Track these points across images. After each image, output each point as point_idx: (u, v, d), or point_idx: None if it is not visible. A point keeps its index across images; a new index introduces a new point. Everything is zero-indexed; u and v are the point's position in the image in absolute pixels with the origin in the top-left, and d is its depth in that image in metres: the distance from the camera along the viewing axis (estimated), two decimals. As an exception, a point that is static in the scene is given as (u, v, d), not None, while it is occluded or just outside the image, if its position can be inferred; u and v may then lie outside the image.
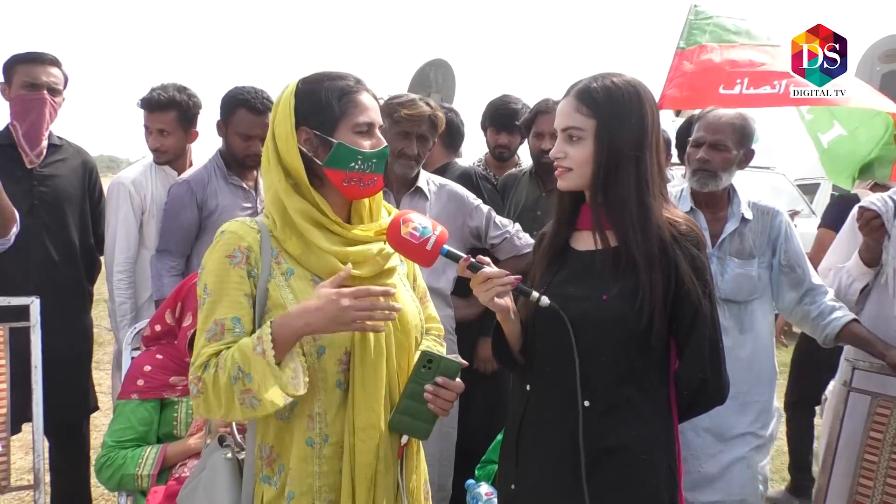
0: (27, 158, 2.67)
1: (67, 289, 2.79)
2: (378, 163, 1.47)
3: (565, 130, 1.52)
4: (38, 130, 2.67)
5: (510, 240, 2.72)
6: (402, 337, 1.52)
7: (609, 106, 1.47)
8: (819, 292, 2.39)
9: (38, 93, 2.65)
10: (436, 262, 1.47)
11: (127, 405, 2.13)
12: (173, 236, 2.79)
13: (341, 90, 1.47)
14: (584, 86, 1.51)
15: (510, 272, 1.45)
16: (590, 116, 1.48)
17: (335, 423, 1.43)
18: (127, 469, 2.02)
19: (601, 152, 1.47)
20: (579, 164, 1.50)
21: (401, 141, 2.52)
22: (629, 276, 1.45)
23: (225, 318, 1.39)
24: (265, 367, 1.30)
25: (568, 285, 1.53)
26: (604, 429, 1.46)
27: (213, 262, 1.43)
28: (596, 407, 1.46)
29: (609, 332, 1.46)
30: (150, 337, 2.29)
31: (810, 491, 3.42)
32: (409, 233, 1.43)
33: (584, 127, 1.49)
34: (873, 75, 7.19)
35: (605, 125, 1.47)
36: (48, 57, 2.70)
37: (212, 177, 2.81)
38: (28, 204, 2.65)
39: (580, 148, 1.50)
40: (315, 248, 1.44)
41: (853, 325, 2.34)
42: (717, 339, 1.50)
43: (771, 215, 2.40)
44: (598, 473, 1.44)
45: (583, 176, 1.51)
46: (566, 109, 1.52)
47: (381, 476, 1.46)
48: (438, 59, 9.15)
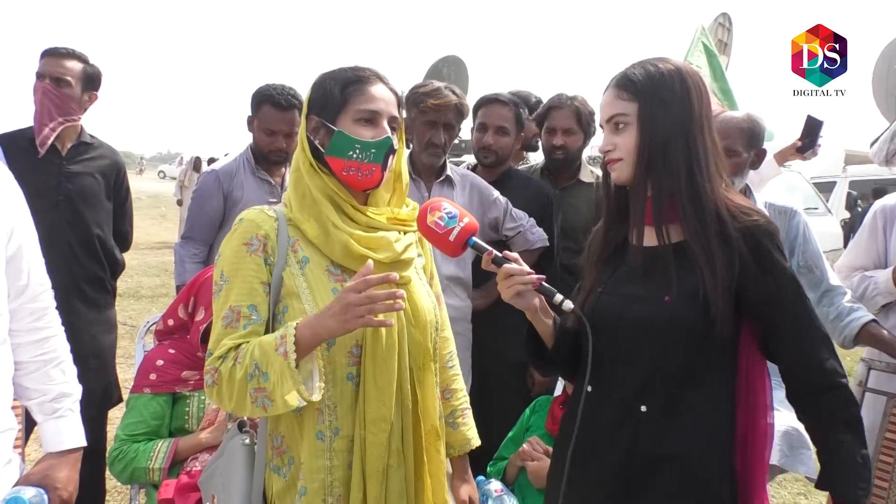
0: (41, 149, 2.69)
1: (91, 283, 2.82)
2: (377, 153, 1.46)
3: (609, 120, 1.45)
4: (40, 120, 2.68)
5: (524, 234, 2.70)
6: (415, 331, 1.51)
7: (649, 87, 1.40)
8: (837, 293, 2.36)
9: (41, 83, 2.67)
10: (464, 252, 1.44)
11: (139, 399, 2.14)
12: (198, 224, 2.89)
13: (348, 80, 1.48)
14: (622, 73, 1.45)
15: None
16: (631, 100, 1.42)
17: (346, 416, 1.43)
18: (139, 462, 2.03)
19: (645, 134, 1.40)
20: (629, 151, 1.42)
21: (428, 130, 2.54)
22: (690, 273, 1.36)
23: (241, 304, 1.40)
24: (284, 368, 1.30)
25: (626, 284, 1.46)
26: (661, 434, 1.38)
27: (231, 250, 1.44)
28: (653, 411, 1.39)
29: (671, 335, 1.38)
30: (163, 331, 2.31)
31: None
32: (435, 221, 1.42)
33: (627, 112, 1.42)
34: (891, 73, 7.11)
35: (647, 106, 1.40)
36: (61, 50, 2.72)
37: (240, 169, 2.91)
38: (54, 199, 2.69)
39: (627, 135, 1.42)
40: (331, 229, 1.44)
41: (871, 326, 2.31)
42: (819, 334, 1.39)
43: (788, 216, 2.38)
44: (655, 480, 1.38)
45: (634, 164, 1.43)
46: (607, 100, 1.45)
47: (393, 470, 1.45)
48: (451, 56, 9.15)
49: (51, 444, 1.60)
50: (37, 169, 2.62)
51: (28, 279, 1.57)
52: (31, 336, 1.59)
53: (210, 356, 1.40)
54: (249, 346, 1.36)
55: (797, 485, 3.87)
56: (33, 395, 1.59)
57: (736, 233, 1.36)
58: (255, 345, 1.35)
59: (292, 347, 1.30)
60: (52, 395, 1.60)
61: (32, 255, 1.60)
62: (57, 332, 1.65)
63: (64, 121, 2.72)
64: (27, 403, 1.61)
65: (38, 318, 1.60)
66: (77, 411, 1.65)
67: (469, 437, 1.74)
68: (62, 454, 1.60)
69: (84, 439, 1.65)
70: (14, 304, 1.54)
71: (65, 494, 1.58)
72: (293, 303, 1.42)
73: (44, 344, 1.60)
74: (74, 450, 1.63)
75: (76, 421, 1.64)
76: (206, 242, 2.90)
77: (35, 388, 1.59)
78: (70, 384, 1.65)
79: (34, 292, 1.59)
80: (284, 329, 1.34)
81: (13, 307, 1.54)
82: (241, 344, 1.37)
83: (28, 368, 1.58)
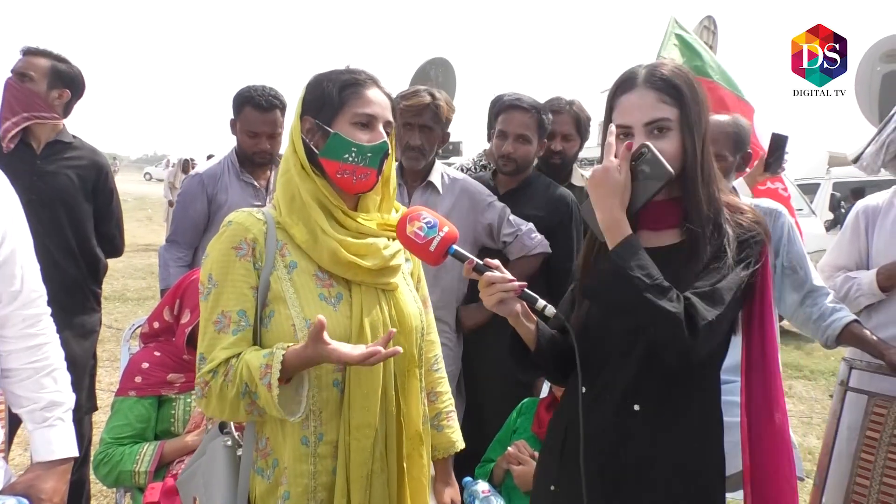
0: (5, 144, 2.65)
1: (68, 288, 2.76)
2: (373, 157, 1.45)
3: (650, 124, 1.37)
4: (3, 115, 2.65)
5: (521, 238, 2.63)
6: (400, 338, 1.50)
7: (690, 92, 1.38)
8: (820, 294, 2.38)
9: (7, 80, 2.65)
10: (444, 261, 1.43)
11: (125, 402, 2.13)
12: (182, 227, 2.91)
13: (345, 82, 1.47)
14: (661, 76, 1.39)
15: (520, 274, 1.42)
16: (673, 105, 1.37)
17: (331, 422, 1.43)
18: (124, 465, 2.02)
19: (689, 141, 1.37)
20: (672, 158, 1.35)
21: (405, 133, 2.54)
22: (692, 275, 1.34)
23: (232, 310, 1.40)
24: (269, 399, 1.30)
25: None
26: (654, 434, 1.38)
27: (219, 252, 1.43)
28: (647, 412, 1.39)
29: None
30: (149, 334, 2.30)
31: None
32: (414, 232, 1.40)
33: (671, 117, 1.37)
34: (874, 75, 7.19)
35: (688, 112, 1.37)
36: (32, 48, 2.71)
37: (224, 172, 2.92)
38: (25, 197, 2.65)
39: (670, 141, 1.37)
40: (319, 234, 1.44)
41: (854, 326, 2.33)
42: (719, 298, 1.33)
43: (773, 217, 2.39)
44: (647, 481, 1.38)
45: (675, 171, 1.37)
46: (647, 101, 1.38)
47: (377, 475, 1.46)
48: (439, 58, 9.16)
49: (40, 454, 1.56)
50: (7, 166, 2.56)
51: (21, 285, 1.55)
52: (24, 343, 1.56)
53: (202, 364, 1.39)
54: (239, 364, 1.35)
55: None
56: (24, 402, 1.56)
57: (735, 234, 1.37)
58: (243, 364, 1.34)
59: (276, 380, 1.29)
60: (42, 404, 1.57)
61: (26, 260, 1.57)
62: (51, 339, 1.62)
63: (30, 116, 2.67)
64: (18, 411, 1.58)
65: (30, 324, 1.57)
66: (69, 420, 1.62)
67: (454, 440, 1.75)
68: (51, 464, 1.56)
69: (76, 449, 1.61)
70: (6, 309, 1.52)
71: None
72: (280, 307, 1.42)
73: (36, 351, 1.58)
74: (64, 460, 1.59)
75: (67, 430, 1.60)
76: (190, 246, 2.91)
77: (26, 396, 1.56)
78: (63, 393, 1.61)
79: (27, 298, 1.56)
80: (271, 356, 1.32)
81: (5, 313, 1.52)
82: (231, 359, 1.37)
83: (19, 376, 1.56)
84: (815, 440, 4.51)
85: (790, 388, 5.77)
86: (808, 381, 6.05)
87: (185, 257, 2.89)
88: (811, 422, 4.97)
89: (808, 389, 5.81)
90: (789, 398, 5.47)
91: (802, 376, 6.16)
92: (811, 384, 5.97)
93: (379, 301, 1.49)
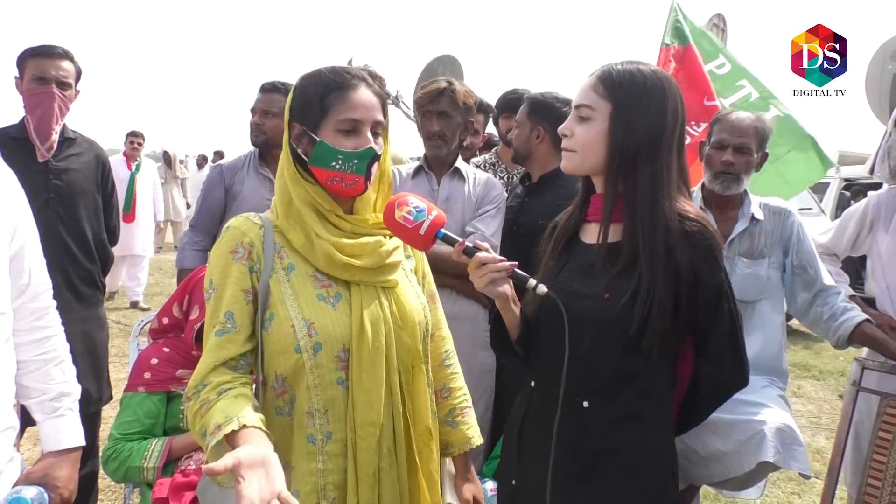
0: (38, 152, 2.69)
1: (85, 280, 2.81)
2: (359, 164, 1.43)
3: (577, 108, 1.44)
4: (48, 125, 2.67)
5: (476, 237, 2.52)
6: (402, 333, 1.50)
7: (628, 91, 1.39)
8: (831, 293, 2.37)
9: (47, 87, 2.65)
10: (433, 245, 1.44)
11: (133, 398, 2.13)
12: (201, 214, 3.11)
13: (328, 86, 1.44)
14: (608, 67, 1.44)
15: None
16: (605, 98, 1.41)
17: (338, 420, 1.43)
18: (133, 461, 2.03)
19: (615, 139, 1.39)
20: (583, 145, 1.43)
21: (425, 121, 2.57)
22: (634, 275, 1.37)
23: (222, 311, 1.41)
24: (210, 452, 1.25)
25: (573, 280, 1.47)
26: (604, 431, 1.40)
27: (218, 258, 1.45)
28: (596, 408, 1.40)
29: (609, 333, 1.38)
30: (158, 330, 2.30)
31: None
32: (403, 216, 1.40)
33: (595, 107, 1.41)
34: (884, 74, 7.14)
35: (622, 111, 1.39)
36: (58, 50, 2.69)
37: (244, 165, 3.08)
38: (44, 197, 2.67)
39: (587, 129, 1.42)
40: (314, 238, 1.43)
41: (865, 326, 2.32)
42: (738, 336, 1.45)
43: (783, 216, 2.38)
44: (598, 477, 1.40)
45: (585, 161, 1.44)
46: (584, 87, 1.45)
47: (385, 472, 1.45)
48: (447, 55, 9.16)
49: (51, 444, 1.60)
50: (24, 169, 2.59)
51: (29, 278, 1.57)
52: (32, 335, 1.59)
53: (191, 379, 1.39)
54: (213, 409, 1.30)
55: (791, 484, 3.88)
56: (33, 394, 1.59)
57: (682, 242, 1.37)
58: (216, 411, 1.29)
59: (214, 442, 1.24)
60: (52, 395, 1.60)
61: (34, 254, 1.60)
62: (57, 331, 1.65)
63: (62, 122, 2.74)
64: (27, 402, 1.61)
65: (38, 317, 1.60)
66: (76, 410, 1.66)
67: (469, 436, 1.73)
68: (62, 453, 1.60)
69: (83, 438, 1.65)
70: (16, 303, 1.54)
71: (66, 493, 1.58)
72: (279, 310, 1.42)
73: (44, 343, 1.61)
74: (74, 449, 1.63)
75: (75, 420, 1.65)
76: (208, 233, 3.08)
77: (35, 388, 1.59)
78: (70, 383, 1.65)
79: (35, 291, 1.59)
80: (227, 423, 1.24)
81: (15, 306, 1.54)
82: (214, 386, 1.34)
83: (28, 367, 1.58)
84: (823, 440, 4.49)
85: (799, 388, 5.74)
86: (816, 381, 6.02)
87: (201, 241, 3.07)
88: (820, 422, 4.94)
89: (816, 389, 5.78)
90: (798, 398, 5.44)
91: (811, 376, 6.13)
92: (820, 384, 5.93)
93: (379, 298, 1.48)
